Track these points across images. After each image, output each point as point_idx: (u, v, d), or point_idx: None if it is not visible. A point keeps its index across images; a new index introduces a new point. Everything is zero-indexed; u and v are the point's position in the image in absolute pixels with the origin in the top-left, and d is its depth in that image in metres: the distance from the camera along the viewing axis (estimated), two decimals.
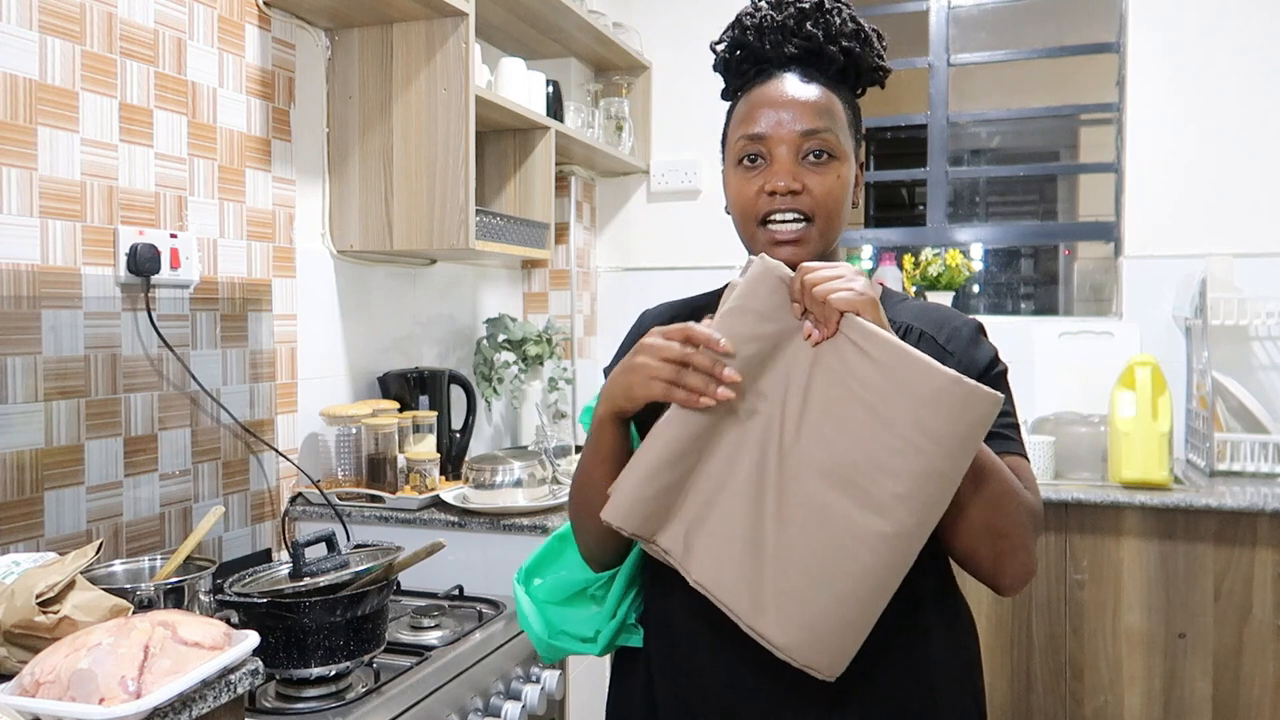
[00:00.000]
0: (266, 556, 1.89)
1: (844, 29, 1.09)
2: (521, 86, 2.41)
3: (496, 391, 2.67)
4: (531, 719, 1.65)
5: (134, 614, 1.14)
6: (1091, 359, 2.78)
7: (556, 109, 2.64)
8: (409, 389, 2.22)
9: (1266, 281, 2.63)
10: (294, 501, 2.01)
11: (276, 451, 1.97)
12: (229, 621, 1.21)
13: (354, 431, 2.05)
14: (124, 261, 1.61)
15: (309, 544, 1.40)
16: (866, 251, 3.61)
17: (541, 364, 2.77)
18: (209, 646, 1.07)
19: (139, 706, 0.96)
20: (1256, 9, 2.71)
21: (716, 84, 1.17)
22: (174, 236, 1.70)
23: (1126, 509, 2.25)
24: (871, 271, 3.27)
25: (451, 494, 2.04)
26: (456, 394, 2.31)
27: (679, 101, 3.17)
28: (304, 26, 2.05)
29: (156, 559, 1.46)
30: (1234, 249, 2.70)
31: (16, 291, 1.46)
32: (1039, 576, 2.32)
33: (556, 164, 2.57)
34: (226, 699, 1.09)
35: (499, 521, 1.92)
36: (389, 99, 2.09)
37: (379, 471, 2.03)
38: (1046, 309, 5.14)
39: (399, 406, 2.16)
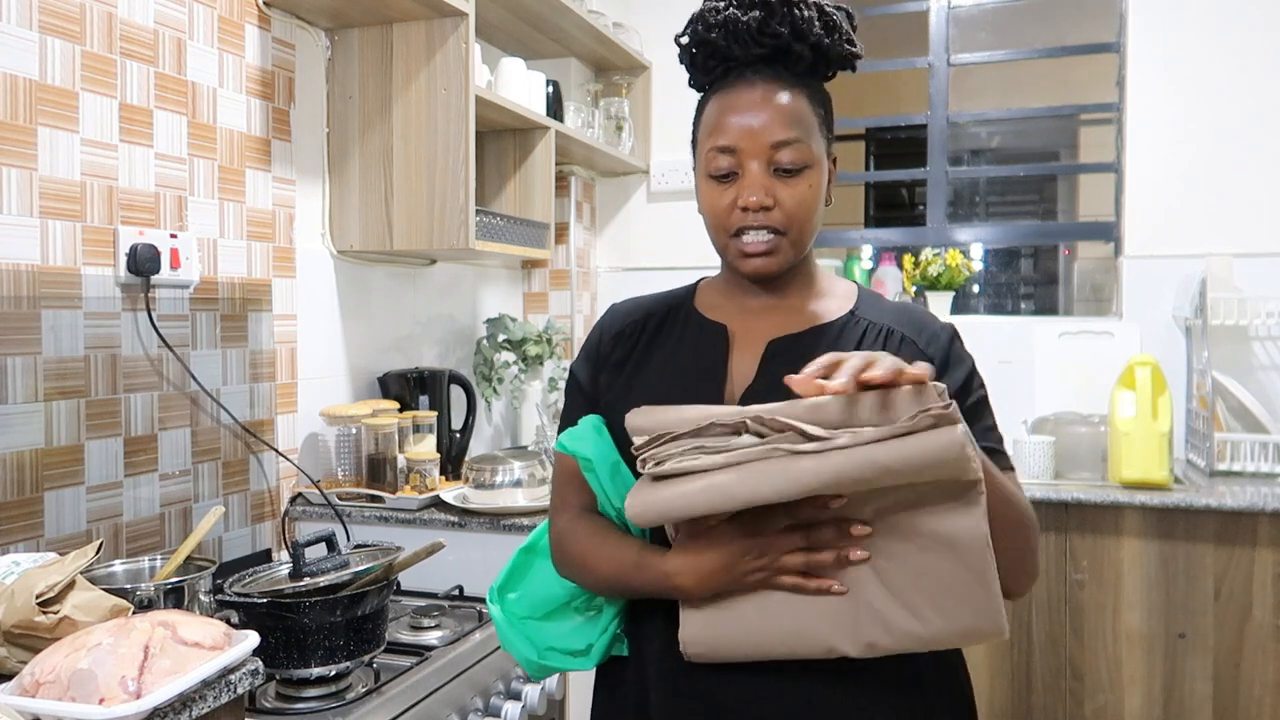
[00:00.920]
0: (266, 556, 1.89)
1: (810, 25, 1.05)
2: (521, 86, 2.41)
3: (496, 391, 2.67)
4: (532, 719, 1.65)
5: (134, 614, 1.14)
6: (1091, 359, 2.78)
7: (556, 109, 2.64)
8: (409, 389, 2.22)
9: (1266, 281, 2.63)
10: (294, 501, 2.01)
11: (276, 451, 1.97)
12: (229, 621, 1.21)
13: (354, 431, 2.05)
14: (124, 261, 1.61)
15: (309, 544, 1.40)
16: (866, 251, 3.61)
17: (541, 364, 2.77)
18: (209, 646, 1.07)
19: (139, 706, 0.96)
20: (1256, 9, 2.71)
21: None
22: (174, 236, 1.70)
23: (1126, 509, 2.25)
24: (871, 271, 3.27)
25: (451, 494, 2.04)
26: (456, 394, 2.31)
27: (679, 101, 3.15)
28: (304, 26, 2.05)
29: (156, 559, 1.47)
30: (1234, 249, 2.70)
31: (16, 291, 1.46)
32: (1039, 576, 2.31)
33: (556, 164, 2.57)
34: (226, 699, 1.09)
35: (499, 521, 1.92)
36: (389, 99, 2.09)
37: (379, 471, 2.03)
38: (1046, 309, 5.14)
39: (399, 406, 2.16)
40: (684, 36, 1.12)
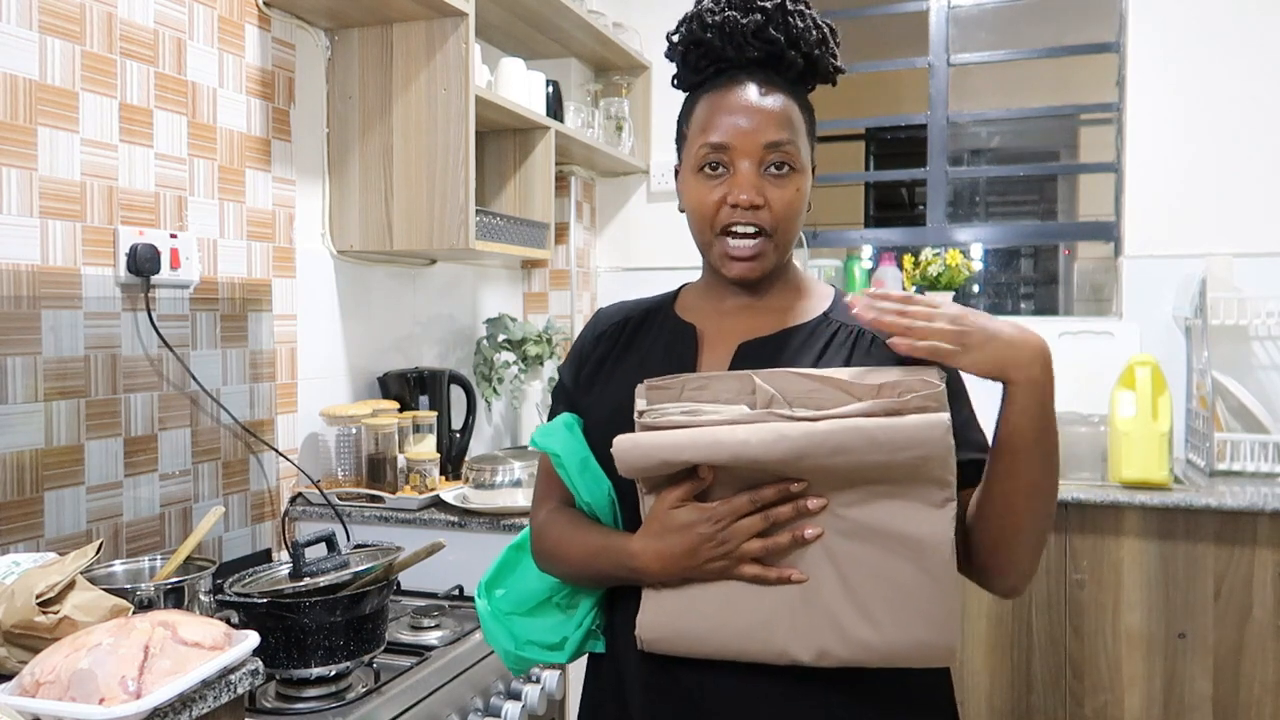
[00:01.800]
0: (266, 556, 1.89)
1: (807, 34, 1.07)
2: (521, 86, 2.41)
3: (496, 391, 2.67)
4: (531, 719, 1.65)
5: (134, 614, 1.14)
6: (1091, 359, 2.78)
7: (556, 109, 2.64)
8: (409, 389, 2.22)
9: (1266, 281, 2.64)
10: (294, 501, 2.01)
11: (276, 451, 1.97)
12: (229, 621, 1.21)
13: (354, 431, 2.05)
14: (124, 261, 1.61)
15: (309, 544, 1.41)
16: (866, 251, 3.61)
17: (541, 364, 2.77)
18: (209, 646, 1.07)
19: (139, 706, 0.96)
20: (1256, 9, 2.71)
21: None
22: (174, 237, 1.70)
23: (1126, 509, 2.25)
24: (871, 271, 3.27)
25: (451, 494, 2.04)
26: (456, 394, 2.32)
27: (679, 101, 3.15)
28: (304, 26, 2.05)
29: (156, 559, 1.47)
30: (1234, 249, 2.70)
31: (16, 291, 1.46)
32: (1039, 576, 2.32)
33: (556, 164, 2.57)
34: (226, 699, 1.09)
35: (499, 521, 1.92)
36: (389, 99, 2.09)
37: (379, 471, 2.03)
38: (1046, 309, 5.14)
39: (399, 406, 2.16)
40: (676, 35, 1.13)
